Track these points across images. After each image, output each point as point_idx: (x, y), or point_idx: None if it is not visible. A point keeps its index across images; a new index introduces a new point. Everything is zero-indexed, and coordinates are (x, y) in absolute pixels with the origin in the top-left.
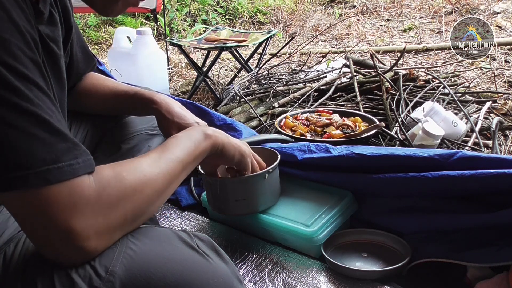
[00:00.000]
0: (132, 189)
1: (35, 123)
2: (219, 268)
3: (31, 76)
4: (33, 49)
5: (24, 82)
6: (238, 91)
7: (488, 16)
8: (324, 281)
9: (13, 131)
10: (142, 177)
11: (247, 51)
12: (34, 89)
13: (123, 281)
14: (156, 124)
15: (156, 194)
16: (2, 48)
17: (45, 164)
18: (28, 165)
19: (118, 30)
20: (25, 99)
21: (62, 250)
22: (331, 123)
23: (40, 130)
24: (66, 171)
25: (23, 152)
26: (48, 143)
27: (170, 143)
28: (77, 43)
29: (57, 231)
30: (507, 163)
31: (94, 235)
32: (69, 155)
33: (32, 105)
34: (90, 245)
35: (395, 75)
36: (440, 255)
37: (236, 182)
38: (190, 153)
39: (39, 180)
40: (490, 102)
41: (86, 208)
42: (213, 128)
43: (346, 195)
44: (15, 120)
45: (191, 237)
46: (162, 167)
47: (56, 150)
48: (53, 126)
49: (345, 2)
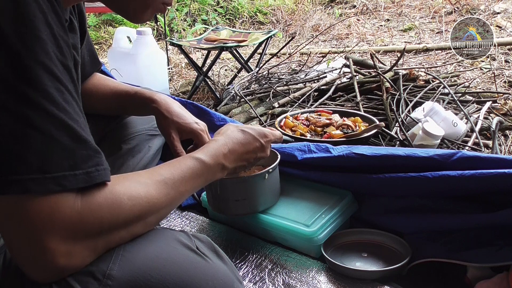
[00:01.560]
0: (132, 216)
1: (58, 127)
2: (218, 269)
3: (62, 79)
4: (64, 54)
5: (56, 83)
6: (238, 91)
7: (488, 16)
8: (324, 281)
9: (34, 132)
10: (145, 204)
11: (247, 51)
12: (64, 92)
13: (121, 284)
14: (156, 125)
15: (156, 220)
16: (40, 47)
17: (62, 170)
18: (44, 169)
19: (118, 30)
20: (52, 102)
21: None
22: (331, 123)
23: (62, 135)
24: (82, 178)
25: (40, 155)
26: (68, 149)
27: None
28: (86, 46)
29: (30, 246)
30: (507, 163)
31: (68, 254)
32: (87, 162)
33: (57, 108)
34: (62, 263)
35: (395, 75)
36: (440, 255)
37: (236, 182)
38: (200, 186)
39: (55, 185)
40: (490, 102)
41: (68, 227)
42: (236, 164)
43: (346, 195)
44: (39, 121)
45: (190, 238)
46: (171, 197)
47: (75, 156)
48: (77, 132)
49: (345, 2)
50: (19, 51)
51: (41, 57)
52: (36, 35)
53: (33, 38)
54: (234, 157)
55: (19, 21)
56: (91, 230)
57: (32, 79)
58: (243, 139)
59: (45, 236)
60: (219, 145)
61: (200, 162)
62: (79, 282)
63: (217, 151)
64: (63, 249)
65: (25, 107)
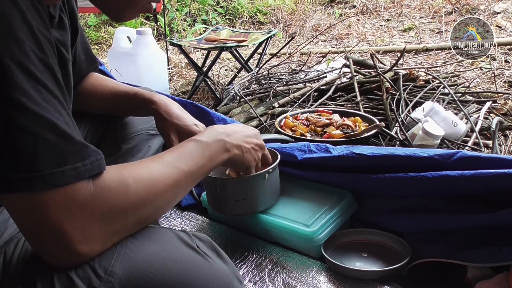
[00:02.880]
0: (138, 198)
1: (41, 126)
2: (219, 268)
3: (41, 78)
4: (45, 51)
5: (33, 83)
6: (238, 91)
7: (488, 16)
8: (324, 281)
9: (19, 132)
10: (150, 186)
11: (247, 51)
12: (43, 91)
13: (123, 281)
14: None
15: (163, 204)
16: (16, 46)
17: (50, 167)
18: (33, 167)
19: (118, 30)
20: (32, 101)
21: (56, 253)
22: (331, 123)
23: (46, 133)
24: (70, 174)
25: (28, 154)
26: (53, 145)
27: (189, 149)
28: (81, 45)
29: (51, 234)
30: (507, 163)
31: (86, 240)
32: (75, 157)
33: (39, 107)
34: (82, 250)
35: (395, 75)
36: (440, 255)
37: (236, 182)
38: (204, 166)
39: (43, 183)
40: (490, 102)
41: (81, 214)
42: (235, 142)
43: (346, 195)
44: (22, 121)
45: (191, 237)
46: (174, 177)
47: (62, 153)
48: (60, 128)
49: (345, 2)
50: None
51: (17, 56)
52: (12, 33)
53: (9, 37)
54: (235, 137)
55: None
56: (104, 213)
57: (9, 78)
58: (238, 124)
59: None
60: (215, 127)
61: (198, 141)
62: (81, 279)
63: (214, 131)
64: (79, 233)
65: (5, 107)
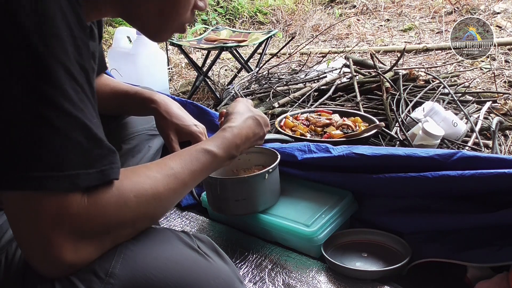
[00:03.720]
0: (138, 213)
1: (74, 127)
2: (220, 268)
3: (79, 79)
4: (82, 55)
5: (73, 83)
6: (238, 91)
7: (488, 16)
8: (324, 281)
9: (51, 131)
10: (152, 200)
11: (247, 51)
12: (80, 92)
13: (124, 282)
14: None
15: (161, 214)
16: (59, 46)
17: (78, 168)
18: (60, 167)
19: (118, 30)
20: (69, 101)
21: (40, 261)
22: (331, 123)
23: (77, 134)
24: (95, 177)
25: (56, 153)
26: (83, 148)
27: (197, 161)
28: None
29: (38, 241)
30: (507, 163)
31: (74, 250)
32: (102, 161)
33: (74, 108)
34: (69, 260)
35: (395, 75)
36: (440, 255)
37: (236, 182)
38: (207, 173)
39: (68, 183)
40: (490, 102)
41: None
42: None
43: (346, 195)
44: (56, 120)
45: (191, 238)
46: (177, 191)
47: (90, 156)
48: (92, 131)
49: (345, 2)
50: (39, 49)
51: (60, 56)
52: (56, 33)
53: (53, 36)
54: (245, 146)
55: (40, 19)
56: (98, 228)
57: (50, 78)
58: (254, 128)
59: (53, 232)
60: (234, 136)
61: (213, 156)
62: (81, 281)
63: (231, 143)
64: (70, 245)
65: (42, 106)
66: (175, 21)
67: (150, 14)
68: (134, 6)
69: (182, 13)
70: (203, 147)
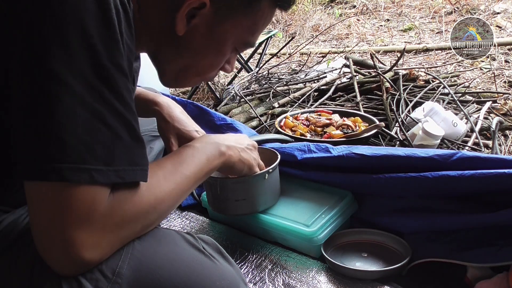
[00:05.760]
0: (148, 206)
1: (123, 126)
2: (225, 270)
3: (130, 83)
4: (130, 60)
5: (127, 84)
6: (238, 91)
7: (488, 16)
8: (324, 281)
9: (104, 127)
10: (159, 193)
11: (247, 51)
12: (132, 92)
13: (130, 282)
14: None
15: (167, 209)
16: (117, 49)
17: (123, 165)
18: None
19: None
20: (122, 102)
21: (58, 256)
22: (331, 123)
23: (125, 134)
24: (139, 174)
25: (106, 148)
26: (129, 146)
27: (186, 155)
28: None
29: (59, 235)
30: (507, 163)
31: (94, 247)
32: (143, 160)
33: (125, 109)
34: (87, 257)
35: (395, 75)
36: (440, 255)
37: (236, 182)
38: (202, 169)
39: (116, 177)
40: (490, 102)
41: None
42: (227, 143)
43: (346, 195)
44: (109, 118)
45: (196, 239)
46: (177, 182)
47: (134, 154)
48: (137, 132)
49: (345, 2)
50: (99, 51)
51: (117, 58)
52: (115, 37)
53: (112, 40)
54: (227, 140)
55: (102, 23)
56: (117, 223)
57: (108, 78)
58: (228, 134)
59: (78, 228)
60: (206, 136)
61: (193, 147)
62: (89, 280)
63: (205, 137)
64: (90, 241)
65: (98, 104)
66: (196, 79)
67: (175, 67)
68: (166, 53)
69: (207, 73)
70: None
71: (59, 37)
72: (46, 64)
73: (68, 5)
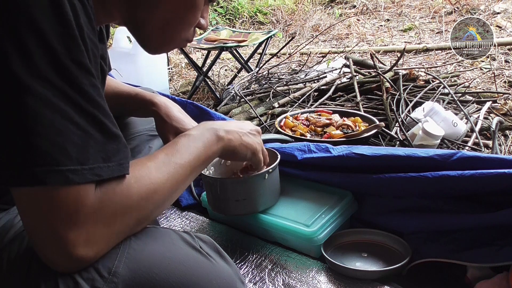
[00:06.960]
0: (139, 198)
1: (92, 123)
2: (222, 269)
3: (95, 76)
4: (94, 54)
5: (92, 79)
6: (238, 91)
7: (488, 16)
8: (324, 281)
9: (72, 126)
10: (150, 184)
11: (247, 51)
12: (98, 87)
13: (126, 281)
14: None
15: (162, 200)
16: (76, 45)
17: (97, 162)
18: (82, 161)
19: (118, 30)
20: (87, 99)
21: (53, 255)
22: (331, 123)
23: (95, 131)
24: (116, 169)
25: (79, 147)
26: (100, 143)
27: (181, 144)
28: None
29: (52, 235)
30: (507, 163)
31: (88, 243)
32: (118, 155)
33: (92, 105)
34: (82, 253)
35: (395, 75)
36: (440, 255)
37: (236, 182)
38: (199, 157)
39: (92, 175)
40: (490, 102)
41: (86, 218)
42: (227, 128)
43: (346, 195)
44: (76, 117)
45: (194, 238)
46: (171, 172)
47: (107, 150)
48: (108, 128)
49: (345, 2)
50: (57, 49)
51: (76, 55)
52: (71, 34)
53: (69, 37)
54: (226, 125)
55: (57, 20)
56: (109, 217)
57: (69, 77)
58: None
59: (68, 227)
60: (204, 123)
61: (189, 135)
62: (85, 279)
63: (203, 124)
64: (83, 238)
65: (64, 103)
66: (178, 35)
67: (155, 24)
68: (141, 12)
69: (187, 28)
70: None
71: (15, 38)
72: (5, 67)
73: (20, 4)
